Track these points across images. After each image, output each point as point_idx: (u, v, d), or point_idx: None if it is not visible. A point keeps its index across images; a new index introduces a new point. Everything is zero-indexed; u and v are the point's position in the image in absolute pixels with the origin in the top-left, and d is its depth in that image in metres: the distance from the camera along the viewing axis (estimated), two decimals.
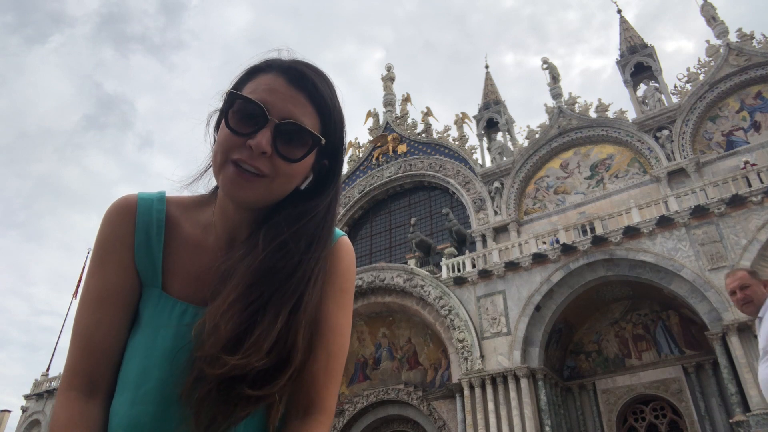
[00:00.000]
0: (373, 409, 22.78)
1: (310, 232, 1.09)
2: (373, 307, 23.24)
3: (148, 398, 1.01)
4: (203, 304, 1.07)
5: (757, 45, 22.76)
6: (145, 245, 1.11)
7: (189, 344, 1.01)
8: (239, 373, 0.94)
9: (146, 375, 1.03)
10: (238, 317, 0.97)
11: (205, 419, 0.96)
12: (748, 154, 20.94)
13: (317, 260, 1.08)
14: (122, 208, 1.13)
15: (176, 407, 1.00)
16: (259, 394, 0.97)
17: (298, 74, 1.07)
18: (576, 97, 26.84)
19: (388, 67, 37.51)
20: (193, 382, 0.96)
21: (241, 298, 0.99)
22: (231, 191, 1.04)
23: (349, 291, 1.19)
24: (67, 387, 1.05)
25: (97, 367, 1.06)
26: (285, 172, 1.05)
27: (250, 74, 1.10)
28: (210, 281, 1.08)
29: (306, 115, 1.06)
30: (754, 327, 4.00)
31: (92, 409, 1.03)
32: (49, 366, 33.21)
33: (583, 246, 18.94)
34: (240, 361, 0.94)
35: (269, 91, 1.05)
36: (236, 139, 1.03)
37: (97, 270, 1.10)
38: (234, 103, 1.05)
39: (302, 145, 1.05)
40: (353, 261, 1.22)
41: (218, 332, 0.95)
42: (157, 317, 1.07)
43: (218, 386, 0.95)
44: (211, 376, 0.94)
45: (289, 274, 1.03)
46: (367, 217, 31.43)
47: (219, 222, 1.14)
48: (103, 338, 1.07)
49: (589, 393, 19.92)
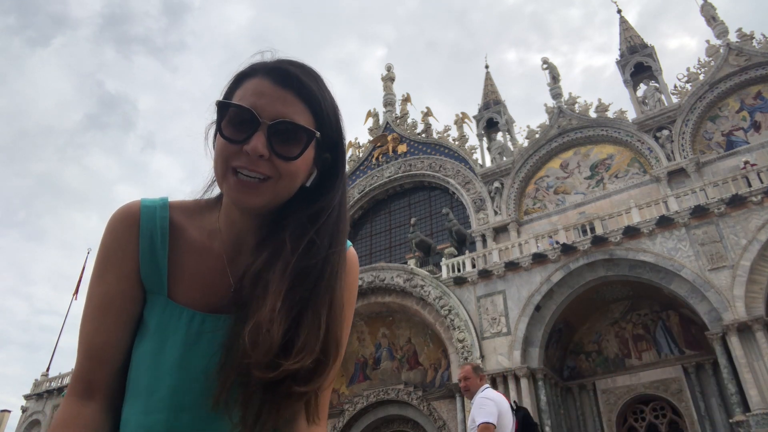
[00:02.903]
0: (373, 409, 22.78)
1: (331, 228, 1.11)
2: (373, 307, 23.24)
3: (161, 406, 1.03)
4: (210, 310, 1.09)
5: (757, 45, 22.76)
6: (149, 253, 1.11)
7: (205, 354, 1.03)
8: (286, 375, 0.97)
9: (157, 383, 1.04)
10: (285, 322, 0.99)
11: (251, 418, 0.98)
12: (748, 154, 20.94)
13: (339, 255, 1.10)
14: (125, 215, 1.13)
15: (188, 415, 1.02)
16: (307, 390, 1.00)
17: (282, 73, 1.08)
18: (576, 97, 26.86)
19: (388, 67, 37.54)
20: (233, 387, 0.98)
21: (284, 302, 1.01)
22: (237, 200, 1.05)
23: (352, 304, 1.22)
24: (69, 392, 1.08)
25: (96, 373, 1.07)
26: (287, 172, 1.05)
27: (237, 81, 1.11)
28: (217, 287, 1.09)
29: (297, 112, 1.06)
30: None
31: (88, 410, 1.04)
32: (49, 366, 33.20)
33: (583, 246, 18.94)
34: (296, 365, 0.97)
35: (257, 94, 1.05)
36: (232, 147, 1.03)
37: (100, 277, 1.10)
38: (225, 113, 1.05)
39: (298, 142, 1.06)
40: (357, 273, 1.24)
41: (271, 338, 0.97)
42: (164, 325, 1.08)
43: (264, 388, 0.97)
44: (258, 380, 0.96)
45: (320, 272, 1.06)
46: (367, 217, 31.43)
47: (224, 227, 1.14)
48: (103, 344, 1.08)
49: (589, 393, 19.92)
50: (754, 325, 15.31)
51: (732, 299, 15.87)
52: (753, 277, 15.99)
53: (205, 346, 1.04)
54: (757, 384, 14.80)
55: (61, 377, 31.43)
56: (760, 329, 15.23)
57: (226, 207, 1.14)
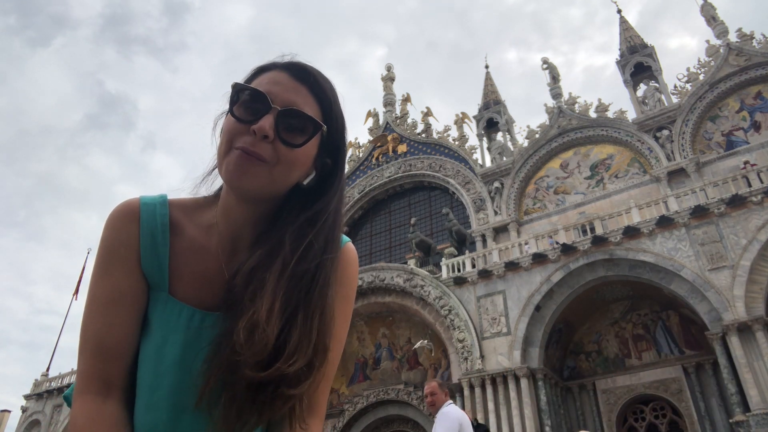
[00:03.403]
0: (373, 409, 22.79)
1: (326, 233, 1.12)
2: (373, 307, 23.24)
3: (161, 404, 1.04)
4: (209, 308, 1.09)
5: (757, 45, 22.77)
6: (151, 249, 1.11)
7: (201, 351, 1.02)
8: (277, 376, 0.97)
9: (158, 381, 1.05)
10: (279, 323, 0.99)
11: (233, 418, 0.98)
12: (748, 154, 20.95)
13: (332, 261, 1.11)
14: (125, 212, 1.13)
15: (189, 414, 1.02)
16: (295, 393, 1.00)
17: (300, 68, 1.12)
18: (576, 97, 26.88)
19: (388, 67, 37.56)
20: (218, 383, 0.97)
21: (279, 303, 1.01)
22: (233, 177, 1.04)
23: (351, 299, 1.22)
24: (82, 391, 1.06)
25: (111, 369, 1.07)
26: (286, 158, 1.06)
27: (256, 74, 1.14)
28: (216, 284, 1.09)
29: (307, 105, 1.09)
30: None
31: (109, 408, 1.04)
32: (49, 366, 33.17)
33: (583, 246, 18.94)
34: (290, 368, 0.97)
35: (273, 83, 1.09)
36: (240, 126, 1.05)
37: (104, 274, 1.10)
38: (238, 98, 1.08)
39: (303, 132, 1.08)
40: (357, 269, 1.25)
41: (266, 338, 0.97)
42: (165, 322, 1.09)
43: (247, 388, 0.97)
44: (244, 380, 0.96)
45: (314, 277, 1.06)
46: (367, 217, 31.44)
47: (221, 222, 1.15)
48: (116, 342, 1.07)
49: (589, 393, 19.93)
50: (754, 325, 15.31)
51: (732, 299, 15.88)
52: (753, 277, 16.00)
53: (204, 345, 1.04)
54: (757, 384, 14.81)
55: (61, 377, 31.42)
56: (760, 329, 15.23)
57: (224, 200, 1.14)
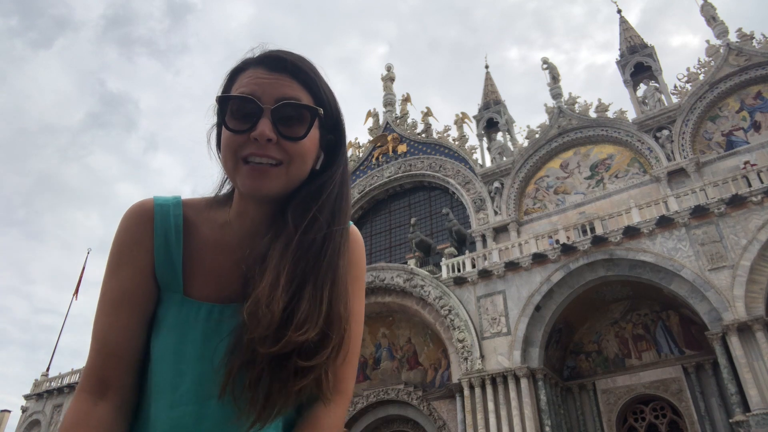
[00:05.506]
0: (373, 409, 22.79)
1: (332, 205, 1.12)
2: (373, 307, 23.23)
3: (187, 398, 1.05)
4: (227, 301, 1.10)
5: (757, 45, 22.77)
6: (164, 250, 1.12)
7: (222, 342, 1.03)
8: (292, 349, 0.98)
9: (181, 377, 1.06)
10: (285, 295, 1.00)
11: (261, 399, 0.99)
12: (748, 154, 20.95)
13: (341, 233, 1.11)
14: (140, 213, 1.14)
15: (215, 403, 1.03)
16: (311, 365, 1.00)
17: (274, 59, 1.10)
18: (576, 97, 26.89)
19: (388, 67, 37.57)
20: (240, 368, 0.98)
21: (285, 276, 1.01)
22: (252, 188, 1.05)
23: (362, 279, 1.24)
24: (79, 389, 1.08)
25: (110, 369, 1.08)
26: (296, 153, 1.06)
27: (231, 78, 1.12)
28: (233, 278, 1.10)
29: (296, 92, 1.08)
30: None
31: (100, 410, 1.04)
32: (49, 366, 33.21)
33: (583, 246, 18.94)
34: (300, 337, 0.98)
35: (254, 83, 1.07)
36: (239, 137, 1.04)
37: (114, 273, 1.11)
38: (226, 108, 1.06)
39: (302, 122, 1.07)
40: (363, 250, 1.26)
41: (271, 312, 0.97)
42: (182, 322, 1.09)
43: (269, 365, 0.98)
44: (263, 356, 0.97)
45: (321, 247, 1.07)
46: (367, 217, 31.44)
47: (236, 220, 1.16)
48: (117, 341, 1.08)
49: (589, 393, 19.93)
50: (754, 325, 15.31)
51: (732, 299, 15.88)
52: (753, 277, 16.00)
53: (224, 335, 1.05)
54: (757, 384, 14.81)
55: (61, 377, 31.42)
56: (760, 329, 15.23)
57: (238, 201, 1.15)
